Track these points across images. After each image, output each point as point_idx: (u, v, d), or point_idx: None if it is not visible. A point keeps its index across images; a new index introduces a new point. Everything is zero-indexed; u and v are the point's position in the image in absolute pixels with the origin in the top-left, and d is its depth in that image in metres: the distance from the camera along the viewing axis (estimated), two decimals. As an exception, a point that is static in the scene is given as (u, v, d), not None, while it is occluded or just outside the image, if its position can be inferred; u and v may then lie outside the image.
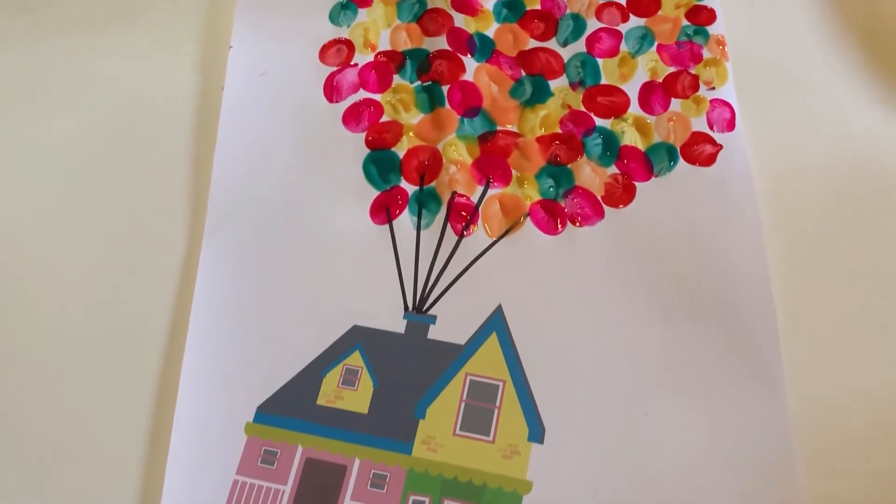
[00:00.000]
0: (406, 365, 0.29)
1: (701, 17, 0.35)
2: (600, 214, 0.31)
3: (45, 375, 0.29)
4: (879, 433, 0.27)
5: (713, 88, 0.33)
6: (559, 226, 0.31)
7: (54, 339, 0.30)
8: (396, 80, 0.35)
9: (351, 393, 0.28)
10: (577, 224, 0.31)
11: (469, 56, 0.35)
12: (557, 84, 0.34)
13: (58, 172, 0.34)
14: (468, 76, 0.34)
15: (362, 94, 0.34)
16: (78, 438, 0.28)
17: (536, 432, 0.27)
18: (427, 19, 0.36)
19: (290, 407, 0.28)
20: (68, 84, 0.36)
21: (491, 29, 0.36)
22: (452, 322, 0.29)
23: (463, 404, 0.28)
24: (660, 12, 0.36)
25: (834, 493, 0.26)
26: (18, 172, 0.34)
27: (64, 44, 0.37)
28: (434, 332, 0.29)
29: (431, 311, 0.30)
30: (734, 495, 0.26)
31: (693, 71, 0.34)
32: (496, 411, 0.28)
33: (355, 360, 0.29)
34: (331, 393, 0.28)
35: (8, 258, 0.32)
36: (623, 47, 0.35)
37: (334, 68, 0.35)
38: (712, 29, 0.35)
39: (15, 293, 0.31)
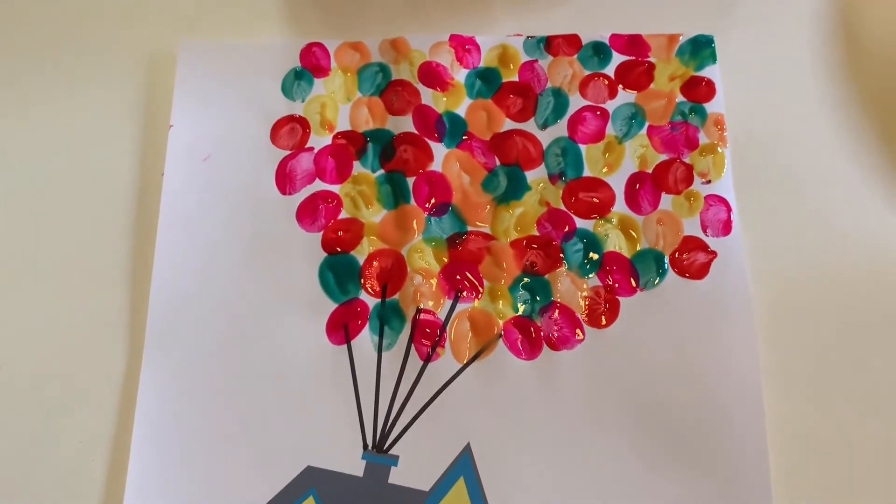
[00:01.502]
0: (365, 514, 0.26)
1: (699, 91, 0.32)
2: (580, 336, 0.28)
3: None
4: None
5: (709, 182, 0.30)
6: (535, 349, 0.28)
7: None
8: (357, 167, 0.31)
9: (305, 547, 0.26)
10: (555, 347, 0.28)
11: (437, 140, 0.31)
12: (535, 176, 0.31)
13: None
14: (436, 165, 0.31)
15: (319, 185, 0.31)
16: None
17: None
18: (391, 93, 0.32)
19: (239, 563, 0.26)
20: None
21: (462, 106, 0.32)
22: (416, 463, 0.27)
23: (426, 564, 0.26)
24: (652, 85, 0.32)
25: None
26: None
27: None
28: (395, 475, 0.27)
29: (393, 450, 0.27)
30: None
31: (687, 160, 0.31)
32: (463, 572, 0.26)
33: (309, 507, 0.27)
34: (282, 546, 0.26)
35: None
36: (609, 130, 0.31)
37: (288, 152, 0.31)
38: (710, 106, 0.31)
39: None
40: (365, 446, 0.27)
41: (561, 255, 0.29)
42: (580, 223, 0.30)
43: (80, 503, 0.27)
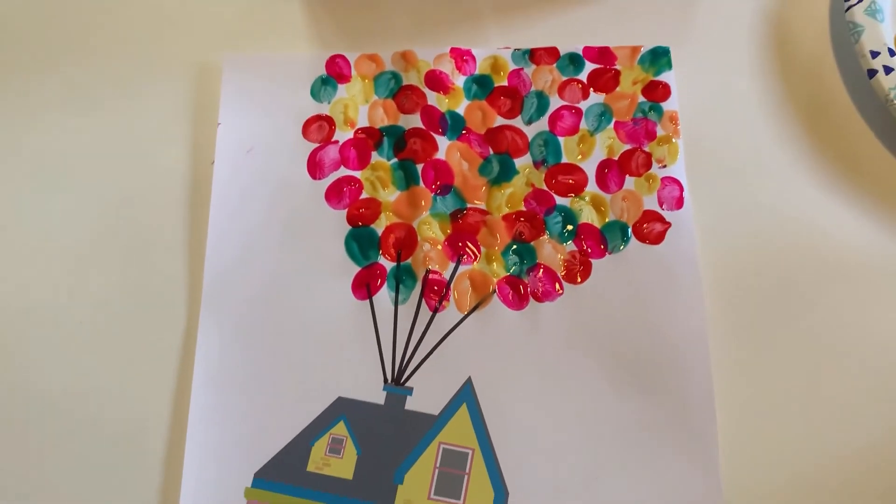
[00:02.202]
0: (386, 434, 0.32)
1: (656, 92, 0.38)
2: (560, 290, 0.34)
3: (57, 451, 0.33)
4: (800, 495, 0.31)
5: (665, 166, 0.36)
6: (523, 301, 0.34)
7: (64, 418, 0.33)
8: (375, 157, 0.37)
9: (337, 460, 0.32)
10: (540, 300, 0.34)
11: (441, 134, 0.38)
12: (522, 162, 0.37)
13: (56, 252, 0.36)
14: (440, 154, 0.37)
15: (343, 172, 0.37)
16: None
17: (501, 496, 0.31)
18: (402, 96, 0.38)
19: (284, 473, 0.32)
20: (63, 164, 0.38)
21: (462, 106, 0.38)
22: (427, 393, 0.33)
23: (437, 471, 0.32)
24: (618, 89, 0.38)
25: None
26: (16, 253, 0.36)
27: (57, 123, 0.39)
28: (411, 403, 0.33)
29: (408, 383, 0.33)
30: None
31: (647, 148, 0.37)
32: (466, 477, 0.31)
33: (340, 429, 0.33)
34: (319, 460, 0.32)
35: (11, 340, 0.35)
36: (583, 125, 0.38)
37: (317, 144, 0.38)
38: (667, 105, 0.38)
39: (21, 374, 0.34)
40: (385, 380, 0.33)
41: (544, 226, 0.36)
42: (559, 200, 0.36)
43: (150, 436, 0.33)
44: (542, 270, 0.35)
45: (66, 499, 0.32)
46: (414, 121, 0.38)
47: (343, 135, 0.38)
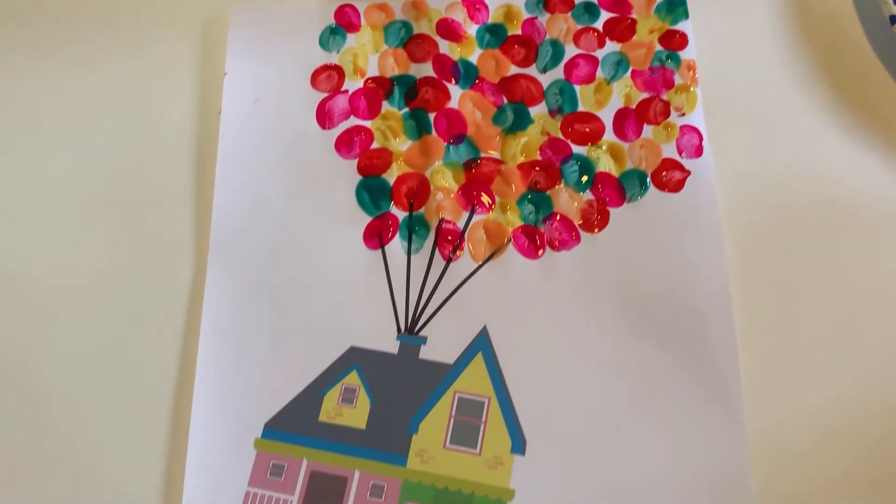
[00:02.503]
0: (400, 383, 0.31)
1: (673, 41, 0.37)
2: (577, 239, 0.34)
3: (65, 403, 0.32)
4: (828, 447, 0.30)
5: (683, 115, 0.36)
6: (539, 250, 0.33)
7: (70, 368, 0.32)
8: (385, 106, 0.37)
9: (350, 410, 0.31)
10: (556, 248, 0.33)
11: (454, 83, 0.37)
12: (537, 111, 0.36)
13: (61, 204, 0.35)
14: (453, 103, 0.36)
15: (353, 121, 0.36)
16: (101, 460, 0.31)
17: (518, 445, 0.30)
18: (413, 45, 0.38)
19: (295, 424, 0.31)
20: (67, 115, 0.37)
21: (474, 55, 0.37)
22: (441, 342, 0.32)
23: (452, 420, 0.31)
24: (634, 37, 0.37)
25: (783, 501, 0.29)
26: (22, 205, 0.35)
27: (61, 74, 0.38)
28: (425, 352, 0.32)
29: (422, 333, 0.32)
30: (693, 502, 0.29)
31: (665, 97, 0.36)
32: (482, 426, 0.31)
33: (353, 379, 0.32)
34: (331, 410, 0.31)
35: (20, 291, 0.34)
36: (599, 73, 0.37)
37: (325, 94, 0.37)
38: (684, 54, 0.37)
39: (30, 326, 0.33)
40: (399, 330, 0.32)
41: (560, 175, 0.35)
42: (576, 149, 0.35)
43: (157, 388, 0.32)
44: (558, 219, 0.34)
45: (73, 452, 0.31)
46: (425, 70, 0.37)
47: (353, 84, 0.37)
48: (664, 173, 0.34)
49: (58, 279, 0.34)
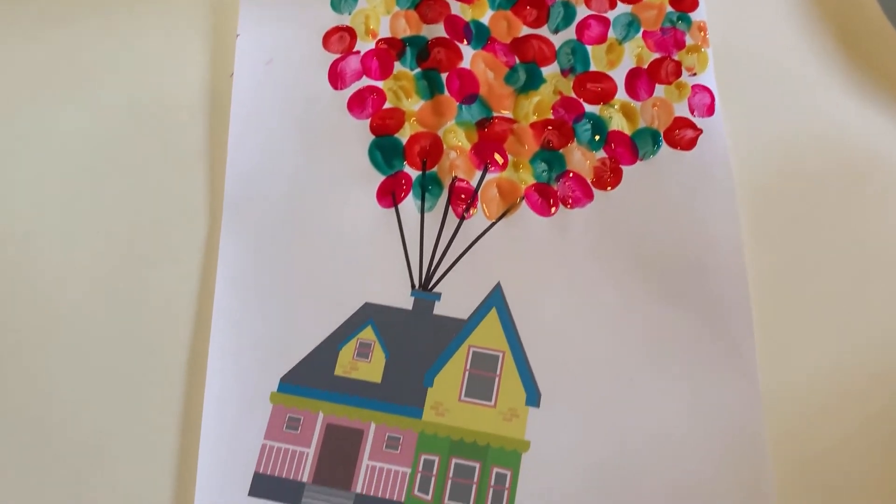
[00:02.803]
0: (414, 338, 0.32)
1: (684, 3, 0.37)
2: (590, 197, 0.34)
3: (77, 358, 0.32)
4: (841, 404, 0.30)
5: (695, 74, 0.36)
6: (552, 208, 0.34)
7: (84, 325, 0.32)
8: (397, 67, 0.37)
9: (365, 364, 0.31)
10: (569, 206, 0.34)
11: (466, 43, 0.37)
12: (549, 71, 0.36)
13: (76, 164, 0.35)
14: (465, 63, 0.36)
15: (365, 82, 0.36)
16: (117, 413, 0.31)
17: (533, 397, 0.30)
18: (425, 6, 0.38)
19: (311, 378, 0.31)
20: (78, 76, 0.37)
21: (486, 16, 0.37)
22: (456, 298, 0.32)
23: (467, 373, 0.31)
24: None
25: (797, 458, 0.29)
26: (34, 165, 0.35)
27: (71, 35, 0.38)
28: (439, 308, 0.32)
29: (436, 289, 0.32)
30: (706, 456, 0.29)
31: (676, 57, 0.36)
32: (497, 379, 0.31)
33: (368, 334, 0.32)
34: (347, 364, 0.31)
35: (31, 250, 0.34)
36: (611, 34, 0.37)
37: (337, 55, 0.37)
38: (695, 15, 0.37)
39: (43, 283, 0.33)
40: (413, 286, 0.33)
41: (573, 133, 0.35)
42: (588, 108, 0.35)
43: (172, 344, 0.32)
44: (571, 177, 0.34)
45: (88, 405, 0.31)
46: (437, 30, 0.37)
47: (364, 45, 0.37)
48: (676, 131, 0.35)
49: (73, 236, 0.34)
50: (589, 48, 0.37)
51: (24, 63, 0.38)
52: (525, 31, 0.37)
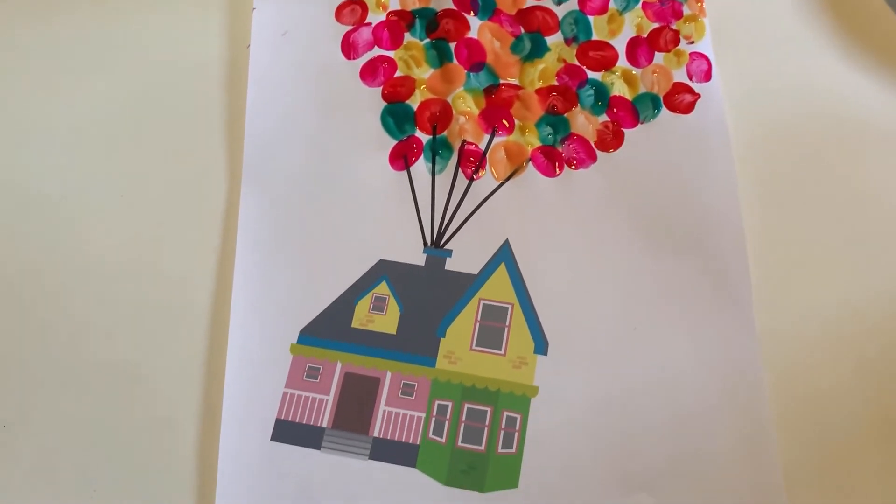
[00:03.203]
0: (427, 292, 0.33)
1: (682, -25, 0.39)
2: (593, 158, 0.35)
3: (103, 315, 0.33)
4: (834, 344, 0.32)
5: (692, 42, 0.37)
6: (557, 169, 0.35)
7: (109, 285, 0.34)
8: (407, 37, 0.38)
9: (380, 317, 0.33)
10: (574, 167, 0.35)
11: (473, 15, 0.38)
12: (553, 40, 0.38)
13: (100, 131, 0.37)
14: (472, 34, 0.38)
15: (377, 52, 0.38)
16: (145, 365, 0.32)
17: (541, 346, 0.32)
18: (433, -20, 0.39)
19: (329, 330, 0.33)
20: (101, 47, 0.39)
21: (492, -11, 0.39)
22: (466, 255, 0.34)
23: (478, 325, 0.33)
24: (645, -29, 0.39)
25: (794, 396, 0.31)
26: (65, 134, 0.37)
27: (92, 9, 0.40)
28: (450, 264, 0.34)
29: (447, 246, 0.34)
30: (706, 397, 0.31)
31: (674, 26, 0.38)
32: (506, 329, 0.32)
33: (382, 289, 0.33)
34: (363, 317, 0.33)
35: (67, 211, 0.35)
36: (612, 5, 0.38)
37: (350, 27, 0.38)
38: (692, -13, 0.39)
39: (68, 243, 0.35)
40: (425, 244, 0.34)
41: (576, 98, 0.36)
42: (591, 75, 0.37)
43: (196, 301, 0.33)
44: (575, 139, 0.36)
45: (113, 358, 0.33)
46: (445, 2, 0.38)
47: (376, 17, 0.39)
48: (675, 96, 0.36)
49: (104, 198, 0.35)
50: (591, 18, 0.38)
51: (52, 36, 0.39)
52: (530, 2, 0.39)
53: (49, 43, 0.39)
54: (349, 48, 0.38)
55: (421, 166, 0.35)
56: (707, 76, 0.36)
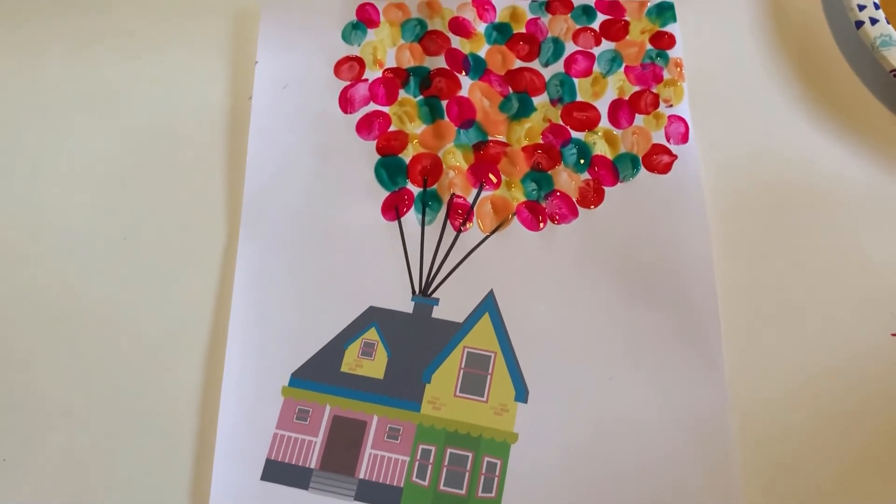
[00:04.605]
0: (414, 339, 0.35)
1: (662, 41, 0.41)
2: (575, 214, 0.37)
3: (101, 355, 0.35)
4: (799, 395, 0.34)
5: (671, 105, 0.40)
6: (541, 223, 0.37)
7: (109, 323, 0.35)
8: (402, 94, 0.40)
9: (369, 362, 0.34)
10: (556, 222, 0.37)
11: (464, 74, 0.40)
12: (540, 100, 0.40)
13: (106, 175, 0.39)
14: (463, 92, 0.40)
15: (373, 107, 0.40)
16: (141, 405, 0.34)
17: (521, 394, 0.34)
18: (427, 40, 0.41)
19: (319, 373, 0.34)
20: (106, 95, 0.41)
21: (483, 50, 0.41)
22: (452, 303, 0.35)
23: (462, 372, 0.34)
24: (627, 37, 0.41)
25: (760, 445, 0.33)
26: (67, 177, 0.39)
27: (100, 57, 0.42)
28: (437, 312, 0.35)
29: (435, 294, 0.36)
30: (676, 445, 0.32)
31: (654, 90, 0.40)
32: (489, 377, 0.34)
33: (371, 335, 0.35)
34: (352, 362, 0.34)
35: (68, 252, 0.37)
36: (596, 68, 0.41)
37: (348, 82, 0.40)
38: (672, 52, 0.41)
39: (65, 284, 0.36)
40: (413, 292, 0.36)
41: (560, 157, 0.38)
42: (574, 134, 0.39)
43: (192, 342, 0.35)
44: (558, 196, 0.38)
45: (109, 395, 0.34)
46: (439, 62, 0.41)
47: (372, 74, 0.41)
48: (654, 157, 0.38)
49: (100, 239, 0.37)
50: (576, 80, 0.40)
51: (56, 82, 0.41)
52: (518, 63, 0.41)
53: (55, 88, 0.41)
54: (346, 103, 0.40)
55: (411, 217, 0.37)
56: (684, 138, 0.39)
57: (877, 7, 0.39)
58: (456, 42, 0.41)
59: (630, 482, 0.32)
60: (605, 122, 0.39)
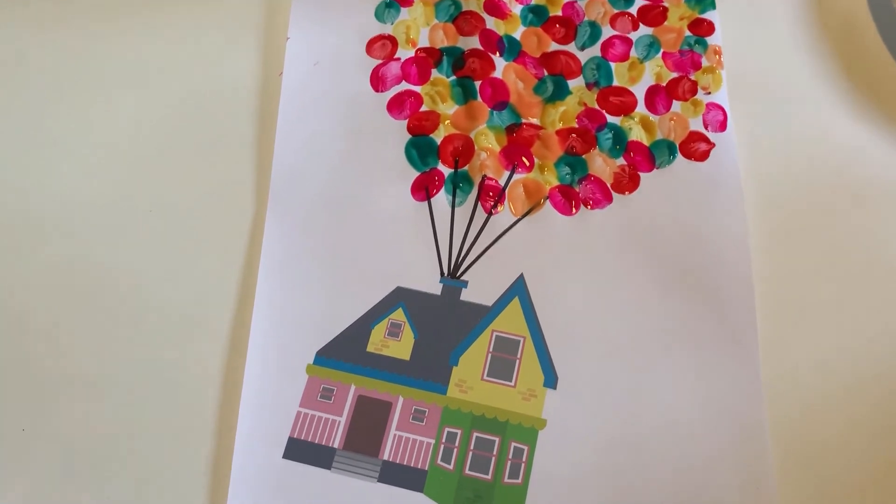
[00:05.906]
0: (442, 321, 0.34)
1: (701, 28, 0.40)
2: (609, 199, 0.36)
3: (126, 330, 0.34)
4: (837, 394, 0.33)
5: (709, 93, 0.39)
6: (574, 208, 0.36)
7: (133, 297, 0.35)
8: (434, 74, 0.40)
9: (395, 343, 0.34)
10: (590, 207, 0.36)
11: (498, 55, 0.40)
12: (575, 84, 0.39)
13: (131, 147, 0.38)
14: (497, 73, 0.39)
15: (404, 86, 0.39)
16: (164, 379, 0.33)
17: (551, 379, 0.33)
18: (461, 20, 0.41)
19: (345, 352, 0.34)
20: (137, 66, 0.40)
21: (518, 31, 0.40)
22: (481, 286, 0.35)
23: (490, 355, 0.33)
24: (666, 23, 0.41)
25: (795, 443, 0.32)
26: (98, 151, 0.38)
27: (131, 28, 0.41)
28: (466, 295, 0.35)
29: (464, 277, 0.35)
30: (709, 440, 0.31)
31: (692, 77, 0.39)
32: (517, 362, 0.33)
33: (398, 315, 0.34)
34: (378, 342, 0.34)
35: (84, 229, 0.36)
36: (633, 53, 0.40)
37: (380, 61, 0.40)
38: (711, 39, 0.40)
39: (91, 256, 0.36)
40: (442, 274, 0.35)
41: (595, 141, 0.38)
42: (610, 119, 0.38)
43: (217, 319, 0.34)
44: (592, 180, 0.37)
45: (131, 370, 0.33)
46: (472, 42, 0.40)
47: (405, 53, 0.40)
48: (691, 144, 0.37)
49: (125, 212, 0.37)
50: (612, 65, 0.40)
51: (85, 55, 0.41)
52: (554, 46, 0.40)
53: (86, 61, 0.40)
54: (378, 81, 0.39)
55: (441, 198, 0.37)
56: (722, 126, 0.38)
57: (925, -3, 0.38)
58: (490, 23, 0.40)
59: (660, 479, 0.31)
60: (641, 108, 0.38)
